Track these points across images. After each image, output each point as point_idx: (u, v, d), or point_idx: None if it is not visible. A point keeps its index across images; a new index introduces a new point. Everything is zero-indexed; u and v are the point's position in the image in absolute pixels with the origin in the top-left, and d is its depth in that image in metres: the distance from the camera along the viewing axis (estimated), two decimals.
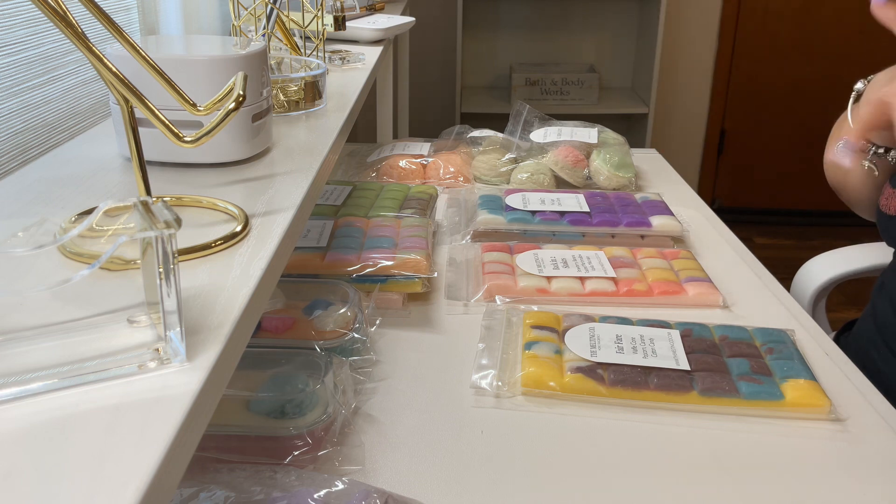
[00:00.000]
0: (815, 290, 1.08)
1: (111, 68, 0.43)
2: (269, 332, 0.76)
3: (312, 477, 0.55)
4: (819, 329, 0.85)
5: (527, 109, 1.39)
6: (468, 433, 0.67)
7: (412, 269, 0.87)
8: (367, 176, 1.29)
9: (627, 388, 0.70)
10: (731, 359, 0.74)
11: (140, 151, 0.45)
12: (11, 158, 0.67)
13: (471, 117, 2.64)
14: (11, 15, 0.69)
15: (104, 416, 0.32)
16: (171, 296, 0.34)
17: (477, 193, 1.15)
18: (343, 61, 1.12)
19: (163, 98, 0.48)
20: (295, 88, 0.80)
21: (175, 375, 0.34)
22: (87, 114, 0.82)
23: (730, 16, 2.99)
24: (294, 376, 0.67)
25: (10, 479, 0.28)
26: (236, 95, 0.46)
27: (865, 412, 0.70)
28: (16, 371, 0.33)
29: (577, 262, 0.94)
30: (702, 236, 1.08)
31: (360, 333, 0.76)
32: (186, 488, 0.54)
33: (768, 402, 0.69)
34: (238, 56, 0.61)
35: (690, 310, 0.87)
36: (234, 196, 0.55)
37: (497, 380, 0.72)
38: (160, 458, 0.29)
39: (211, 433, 0.61)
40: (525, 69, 2.82)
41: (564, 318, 0.81)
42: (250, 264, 0.45)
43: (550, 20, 2.93)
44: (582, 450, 0.65)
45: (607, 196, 1.13)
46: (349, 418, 0.67)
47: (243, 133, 0.62)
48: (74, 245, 0.42)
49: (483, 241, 1.02)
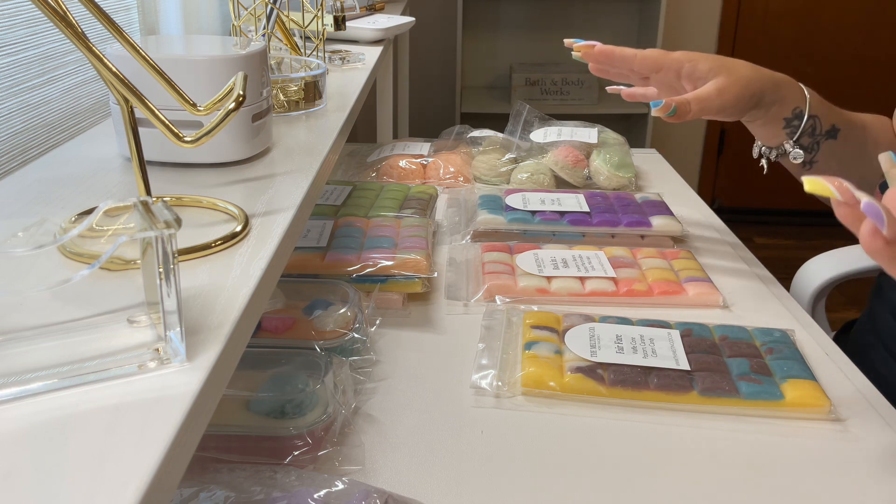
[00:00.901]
0: (815, 290, 1.08)
1: (111, 68, 0.43)
2: (269, 332, 0.76)
3: (312, 477, 0.55)
4: (819, 329, 0.85)
5: (527, 109, 1.39)
6: (468, 433, 0.67)
7: (412, 269, 0.87)
8: (367, 176, 1.29)
9: (627, 388, 0.70)
10: (731, 359, 0.74)
11: (140, 151, 0.45)
12: (11, 158, 0.67)
13: (471, 117, 2.64)
14: (11, 15, 0.69)
15: (104, 416, 0.32)
16: (171, 296, 0.34)
17: (477, 193, 1.15)
18: (343, 61, 1.12)
19: (163, 98, 0.48)
20: (295, 88, 0.80)
21: (175, 375, 0.34)
22: (87, 114, 0.82)
23: (730, 16, 2.99)
24: (294, 376, 0.67)
25: (10, 479, 0.28)
26: (236, 95, 0.46)
27: (865, 412, 0.70)
28: (16, 371, 0.33)
29: (577, 262, 0.94)
30: (702, 236, 1.08)
31: (360, 333, 0.76)
32: (186, 488, 0.54)
33: (768, 402, 0.69)
34: (238, 56, 0.61)
35: (690, 310, 0.87)
36: (234, 196, 0.55)
37: (497, 380, 0.72)
38: (160, 458, 0.29)
39: (211, 433, 0.61)
40: (525, 69, 2.82)
41: (564, 318, 0.81)
42: (250, 264, 0.45)
43: (550, 20, 2.93)
44: (582, 450, 0.65)
45: (607, 196, 1.13)
46: (349, 418, 0.67)
47: (243, 133, 0.62)
48: (74, 245, 0.42)
49: (483, 241, 1.02)
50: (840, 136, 0.87)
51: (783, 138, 0.87)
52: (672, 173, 1.36)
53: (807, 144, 0.87)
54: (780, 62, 3.00)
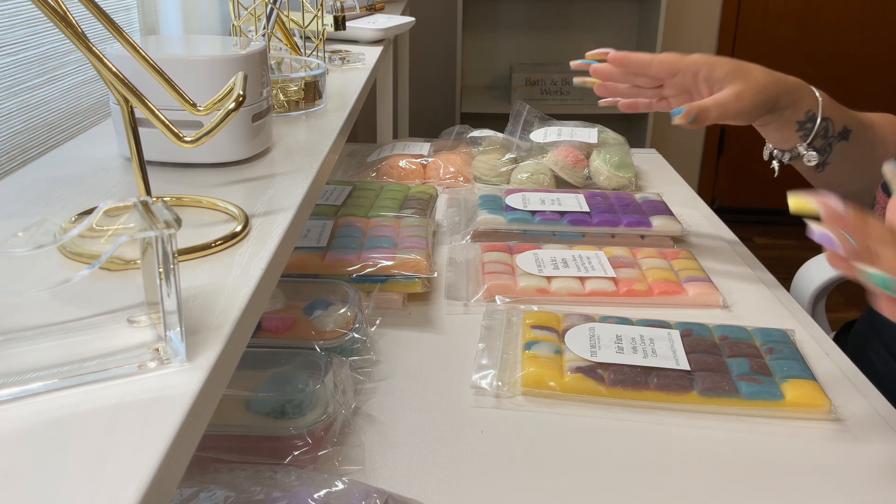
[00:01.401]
0: (815, 290, 1.08)
1: (111, 68, 0.43)
2: (269, 332, 0.76)
3: (312, 477, 0.55)
4: (819, 329, 0.85)
5: (527, 109, 1.39)
6: (468, 433, 0.67)
7: (412, 269, 0.87)
8: (367, 176, 1.29)
9: (627, 388, 0.70)
10: (731, 359, 0.74)
11: (140, 151, 0.45)
12: (11, 158, 0.67)
13: (471, 117, 2.64)
14: (11, 15, 0.69)
15: (104, 416, 0.32)
16: (171, 296, 0.34)
17: (477, 193, 1.15)
18: (343, 61, 1.12)
19: (163, 98, 0.48)
20: (295, 88, 0.80)
21: (175, 375, 0.34)
22: (87, 114, 0.82)
23: (730, 16, 2.99)
24: (294, 376, 0.67)
25: (10, 478, 0.28)
26: (236, 95, 0.46)
27: (865, 412, 0.70)
28: (16, 371, 0.33)
29: (577, 262, 0.94)
30: (702, 236, 1.08)
31: (360, 333, 0.76)
32: (186, 488, 0.54)
33: (768, 402, 0.69)
34: (238, 56, 0.61)
35: (690, 310, 0.87)
36: (234, 196, 0.55)
37: (497, 380, 0.72)
38: (160, 458, 0.29)
39: (211, 433, 0.61)
40: (525, 69, 2.82)
41: (564, 318, 0.81)
42: (250, 264, 0.45)
43: (550, 20, 2.93)
44: (582, 450, 0.65)
45: (607, 196, 1.13)
46: (349, 418, 0.67)
47: (243, 133, 0.62)
48: (74, 245, 0.42)
49: (483, 241, 1.02)
50: (851, 137, 0.87)
51: (796, 141, 0.88)
52: (672, 173, 1.36)
53: (820, 146, 0.87)
54: (780, 62, 3.00)
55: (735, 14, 2.98)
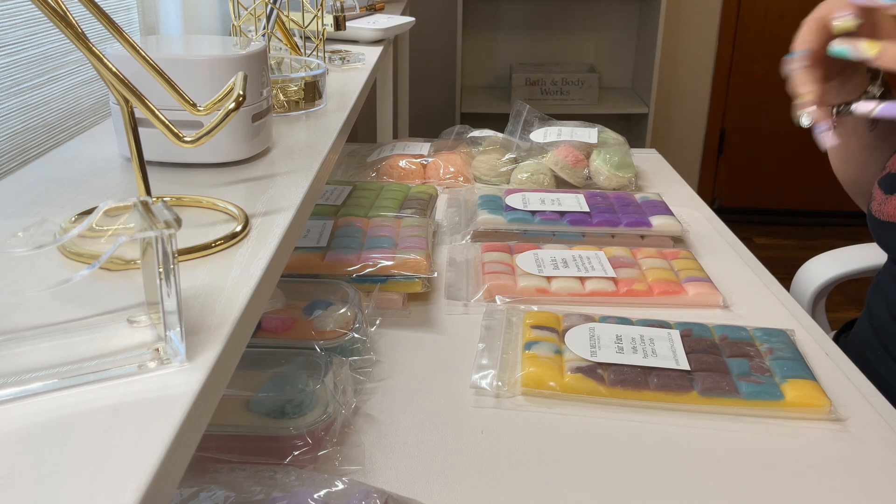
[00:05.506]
0: (815, 290, 1.08)
1: (111, 68, 0.43)
2: (269, 332, 0.76)
3: (312, 477, 0.55)
4: (819, 329, 0.85)
5: (527, 109, 1.39)
6: (468, 433, 0.67)
7: (412, 269, 0.87)
8: (367, 176, 1.29)
9: (627, 388, 0.70)
10: (731, 359, 0.74)
11: (140, 151, 0.45)
12: (11, 158, 0.67)
13: (471, 117, 2.64)
14: (11, 15, 0.69)
15: (104, 416, 0.32)
16: (171, 296, 0.34)
17: (477, 193, 1.15)
18: (343, 61, 1.12)
19: (163, 98, 0.48)
20: (295, 88, 0.80)
21: (175, 375, 0.34)
22: (87, 114, 0.82)
23: (730, 16, 2.99)
24: (294, 376, 0.67)
25: (10, 479, 0.28)
26: (236, 95, 0.46)
27: (865, 412, 0.70)
28: (16, 371, 0.33)
29: (577, 262, 0.94)
30: (702, 236, 1.08)
31: (360, 333, 0.76)
32: (186, 488, 0.54)
33: (768, 402, 0.69)
34: (238, 56, 0.61)
35: (690, 310, 0.87)
36: (234, 196, 0.55)
37: (497, 380, 0.72)
38: (160, 458, 0.29)
39: (211, 433, 0.61)
40: (525, 69, 2.82)
41: (564, 318, 0.81)
42: (250, 264, 0.45)
43: (550, 20, 2.93)
44: (582, 450, 0.65)
45: (607, 196, 1.13)
46: (349, 418, 0.67)
47: (243, 133, 0.62)
48: (74, 245, 0.42)
49: (483, 241, 1.02)
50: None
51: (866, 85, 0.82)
52: (672, 173, 1.36)
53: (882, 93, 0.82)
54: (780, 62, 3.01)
55: (735, 14, 2.98)
